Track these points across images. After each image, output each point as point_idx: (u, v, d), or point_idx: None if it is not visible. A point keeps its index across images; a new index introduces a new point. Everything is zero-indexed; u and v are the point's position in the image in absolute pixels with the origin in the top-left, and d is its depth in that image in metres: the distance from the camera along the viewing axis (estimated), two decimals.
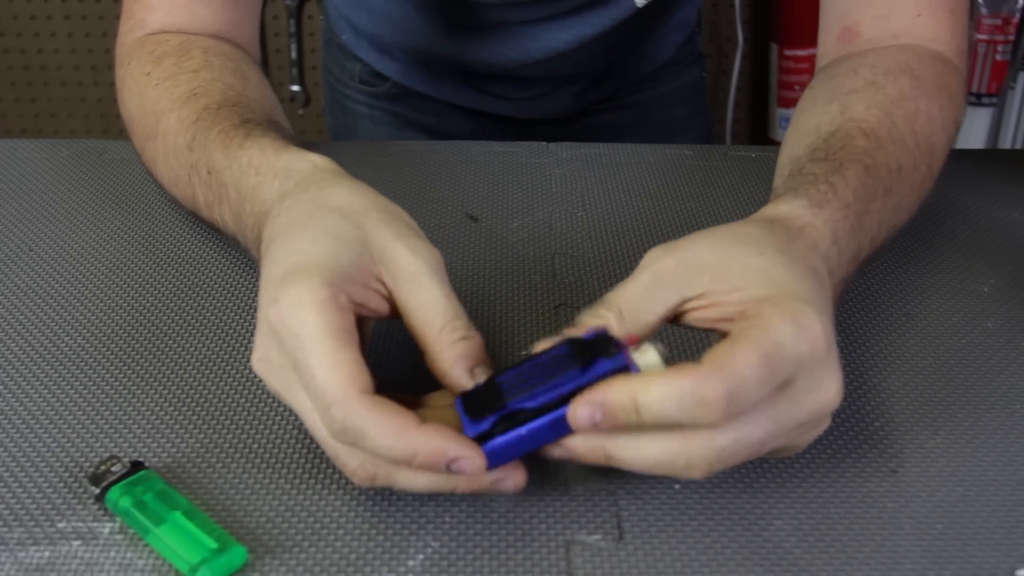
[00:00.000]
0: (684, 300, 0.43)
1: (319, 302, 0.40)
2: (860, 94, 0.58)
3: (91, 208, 0.68)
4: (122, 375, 0.52)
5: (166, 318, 0.57)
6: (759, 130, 2.01)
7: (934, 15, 0.64)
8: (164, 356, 0.54)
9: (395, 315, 0.45)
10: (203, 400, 0.51)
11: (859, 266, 0.52)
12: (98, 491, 0.44)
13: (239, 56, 0.66)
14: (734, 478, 0.46)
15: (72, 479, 0.46)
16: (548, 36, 0.84)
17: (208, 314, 0.57)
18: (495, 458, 0.40)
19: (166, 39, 0.65)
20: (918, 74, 0.60)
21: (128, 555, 0.42)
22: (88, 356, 0.54)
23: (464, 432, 0.40)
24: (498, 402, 0.41)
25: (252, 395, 0.51)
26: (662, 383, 0.38)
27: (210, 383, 0.52)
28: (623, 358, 0.40)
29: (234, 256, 0.63)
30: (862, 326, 0.57)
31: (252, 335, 0.55)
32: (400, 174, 0.73)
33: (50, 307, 0.58)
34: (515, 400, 0.40)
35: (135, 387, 0.52)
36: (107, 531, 0.43)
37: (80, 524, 0.43)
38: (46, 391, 0.51)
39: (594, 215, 0.68)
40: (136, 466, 0.45)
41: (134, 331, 0.56)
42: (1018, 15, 1.70)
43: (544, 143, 0.78)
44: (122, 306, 0.58)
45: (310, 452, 0.47)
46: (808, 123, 0.59)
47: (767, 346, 0.38)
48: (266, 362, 0.43)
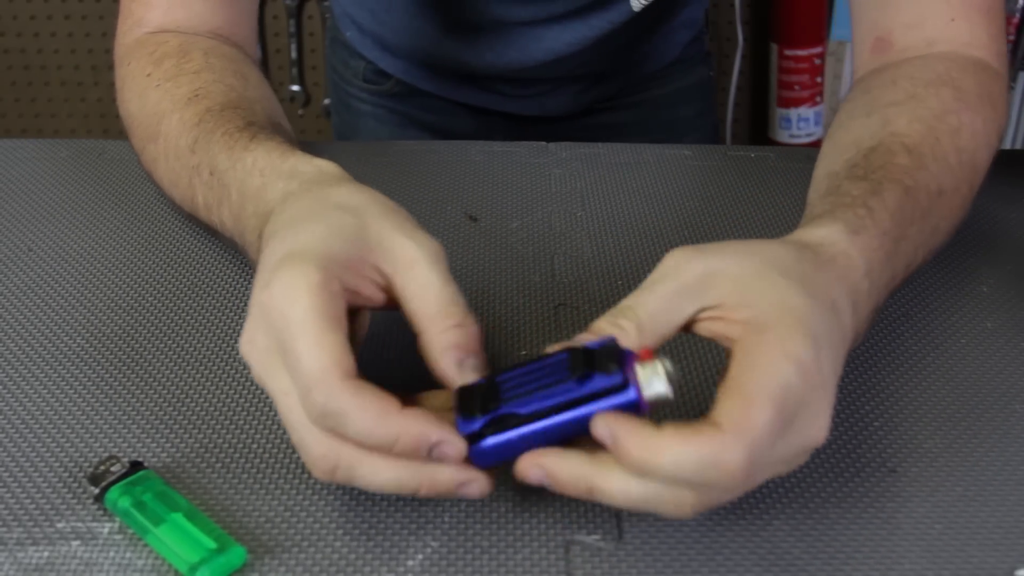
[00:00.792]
0: (701, 309, 0.42)
1: (311, 285, 0.40)
2: (901, 107, 0.57)
3: (91, 208, 0.68)
4: (122, 375, 0.52)
5: (166, 318, 0.57)
6: (759, 130, 2.01)
7: (968, 18, 0.62)
8: (164, 356, 0.54)
9: (391, 305, 0.44)
10: (203, 400, 0.51)
11: (892, 292, 0.51)
12: (97, 491, 0.44)
13: (239, 57, 0.66)
14: None
15: (71, 479, 0.46)
16: (548, 37, 0.84)
17: (208, 314, 0.57)
18: (480, 459, 0.40)
19: (166, 39, 0.65)
20: (960, 85, 0.59)
21: (127, 555, 0.42)
22: (88, 356, 0.54)
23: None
24: (492, 403, 0.40)
25: (252, 395, 0.51)
26: (681, 445, 0.37)
27: (210, 383, 0.52)
28: (620, 377, 0.39)
29: (234, 256, 0.63)
30: None
31: None
32: (400, 174, 0.73)
33: (50, 307, 0.58)
34: (508, 404, 0.40)
35: (135, 387, 0.52)
36: (106, 531, 0.43)
37: (79, 524, 0.43)
38: (46, 391, 0.51)
39: (594, 215, 0.68)
40: (135, 466, 0.45)
41: (134, 331, 0.56)
42: (1018, 15, 1.70)
43: (544, 143, 0.78)
44: (122, 306, 0.58)
45: None
46: (847, 136, 0.57)
47: (777, 395, 0.37)
48: (251, 344, 0.42)
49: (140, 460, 0.45)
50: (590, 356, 0.40)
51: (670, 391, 0.39)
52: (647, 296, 0.42)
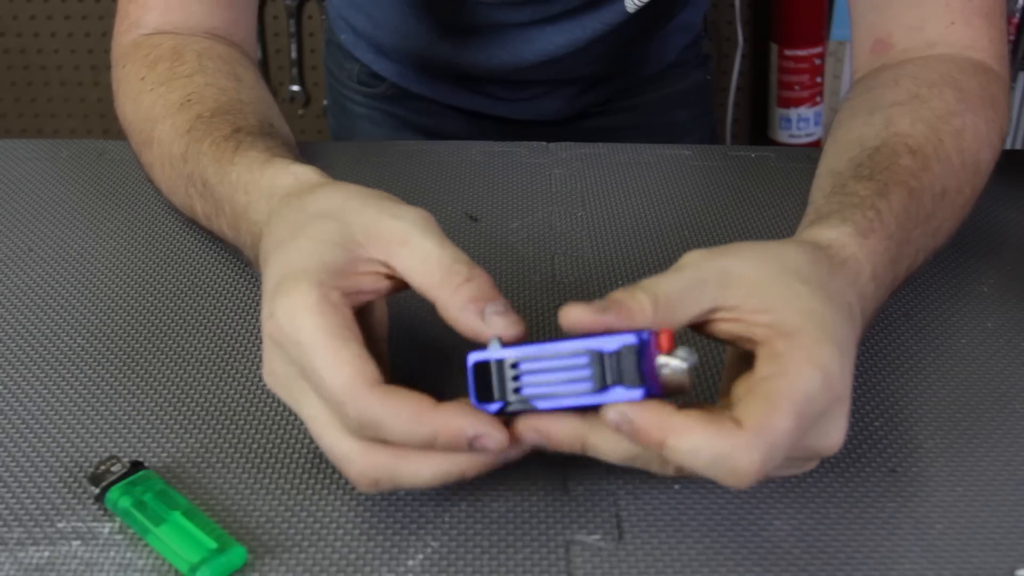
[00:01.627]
0: (716, 308, 0.41)
1: (311, 305, 0.40)
2: (904, 107, 0.57)
3: (91, 208, 0.68)
4: (122, 375, 0.52)
5: (166, 318, 0.57)
6: (759, 130, 2.00)
7: (968, 22, 0.62)
8: (164, 356, 0.54)
9: (401, 286, 0.44)
10: (203, 400, 0.51)
11: (892, 293, 0.51)
12: (98, 491, 0.44)
13: (234, 57, 0.66)
14: None
15: (72, 479, 0.46)
16: (542, 39, 0.84)
17: (208, 314, 0.57)
18: None
19: (160, 41, 0.65)
20: (962, 86, 0.58)
21: (128, 555, 0.42)
22: (88, 356, 0.54)
23: None
24: (507, 388, 0.40)
25: (252, 395, 0.51)
26: (698, 436, 0.37)
27: (210, 383, 0.52)
28: (641, 392, 0.38)
29: (233, 256, 0.63)
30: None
31: (252, 335, 0.56)
32: (400, 174, 0.73)
33: (50, 307, 0.58)
34: (525, 394, 0.40)
35: (135, 387, 0.52)
36: (107, 531, 0.43)
37: (80, 524, 0.43)
38: (46, 391, 0.51)
39: (594, 215, 0.68)
40: (136, 466, 0.45)
41: (134, 331, 0.56)
42: (1018, 15, 1.70)
43: (544, 143, 0.78)
44: (122, 306, 0.58)
45: (310, 452, 0.47)
46: (850, 135, 0.57)
47: (801, 403, 0.37)
48: (273, 376, 0.42)
49: (140, 460, 0.45)
50: (615, 361, 0.39)
51: (689, 386, 0.39)
52: (666, 279, 0.41)
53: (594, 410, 0.39)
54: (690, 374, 0.39)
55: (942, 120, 0.56)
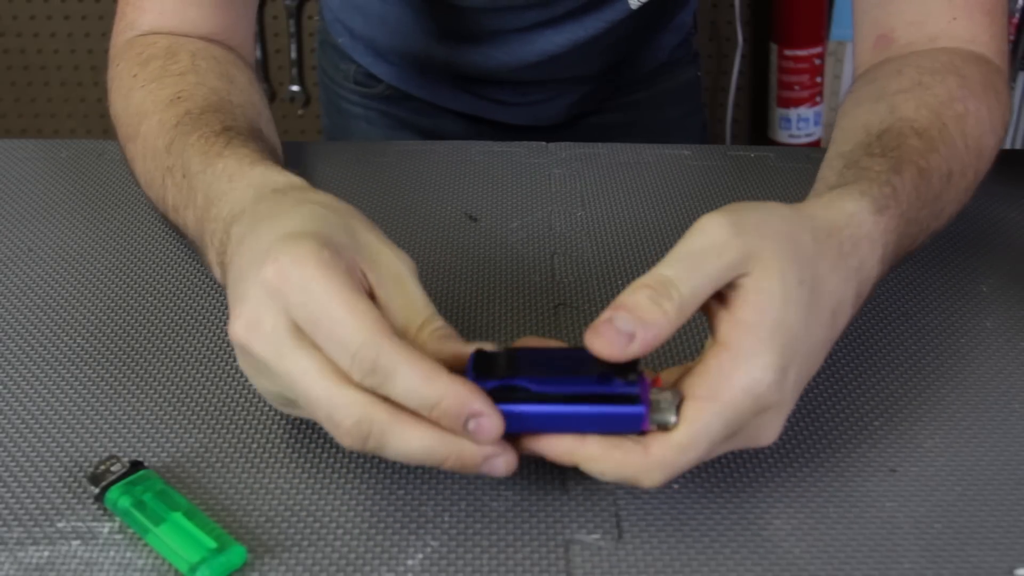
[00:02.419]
0: (729, 285, 0.42)
1: (325, 260, 0.40)
2: (908, 94, 0.57)
3: (91, 208, 0.68)
4: (122, 375, 0.52)
5: (166, 318, 0.57)
6: (759, 130, 2.01)
7: (970, 17, 0.62)
8: (164, 356, 0.54)
9: None
10: (203, 400, 0.51)
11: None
12: (97, 491, 0.44)
13: (228, 59, 0.65)
14: (733, 478, 0.46)
15: (71, 479, 0.46)
16: (541, 40, 0.84)
17: (208, 314, 0.58)
18: None
19: (154, 41, 0.65)
20: (964, 73, 0.59)
21: (127, 555, 0.42)
22: (88, 356, 0.54)
23: None
24: (507, 371, 0.41)
25: (252, 395, 0.51)
26: (605, 463, 0.40)
27: (210, 383, 0.52)
28: (637, 388, 0.40)
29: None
30: (861, 325, 0.57)
31: None
32: (399, 174, 0.73)
33: (50, 307, 0.58)
34: (523, 379, 0.40)
35: (135, 387, 0.52)
36: (106, 531, 0.43)
37: (79, 524, 0.43)
38: (46, 391, 0.51)
39: (593, 215, 0.68)
40: (135, 466, 0.45)
41: (134, 331, 0.56)
42: (1018, 15, 1.70)
43: (543, 143, 0.78)
44: (122, 306, 0.58)
45: (310, 452, 0.47)
46: (855, 122, 0.57)
47: (728, 416, 0.40)
48: (253, 327, 0.41)
49: (140, 460, 0.45)
50: (613, 365, 0.40)
51: (675, 421, 0.40)
52: (691, 274, 0.41)
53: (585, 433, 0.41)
54: (676, 414, 0.40)
55: (945, 105, 0.56)
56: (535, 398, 0.40)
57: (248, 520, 0.44)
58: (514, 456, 0.40)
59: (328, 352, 0.40)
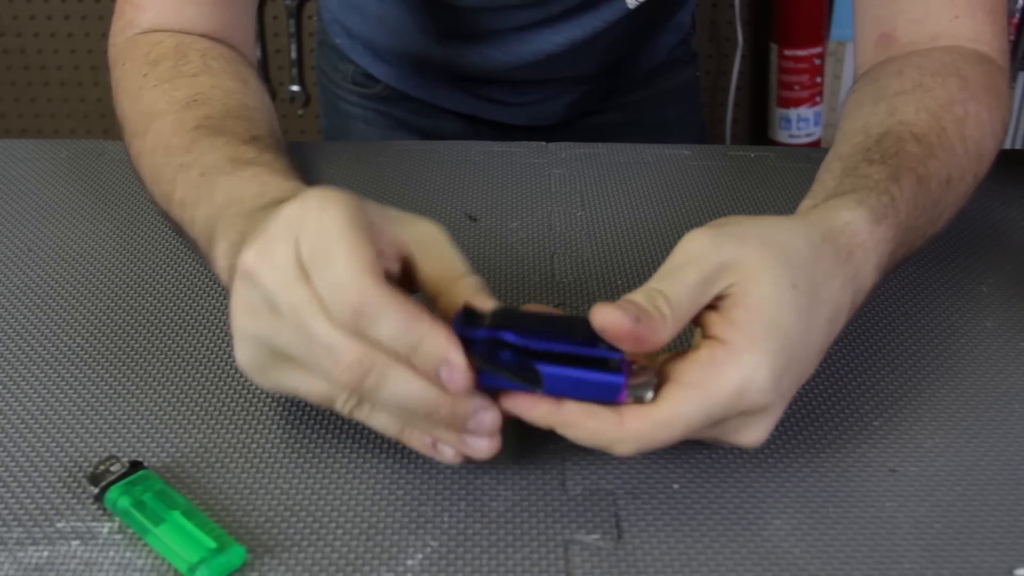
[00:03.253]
0: (718, 296, 0.43)
1: (351, 207, 0.41)
2: (908, 96, 0.57)
3: (91, 208, 0.68)
4: (122, 375, 0.52)
5: (165, 318, 0.57)
6: (759, 130, 2.01)
7: (972, 16, 0.63)
8: (164, 356, 0.54)
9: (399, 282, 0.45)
10: (203, 400, 0.51)
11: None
12: (97, 491, 0.44)
13: (236, 59, 0.65)
14: (733, 478, 0.46)
15: (71, 479, 0.46)
16: (539, 39, 0.84)
17: (208, 314, 0.58)
18: None
19: (160, 40, 0.65)
20: (965, 75, 0.59)
21: (127, 555, 0.42)
22: (88, 356, 0.54)
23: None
24: (494, 321, 0.42)
25: (252, 395, 0.51)
26: (582, 430, 0.41)
27: (210, 383, 0.52)
28: (620, 355, 0.41)
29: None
30: (861, 325, 0.57)
31: None
32: (398, 174, 0.73)
33: (50, 307, 0.58)
34: (509, 331, 0.41)
35: (135, 387, 0.52)
36: (106, 531, 0.43)
37: (79, 524, 0.43)
38: (46, 391, 0.51)
39: (593, 215, 0.68)
40: (135, 466, 0.45)
41: (133, 331, 0.56)
42: (1018, 15, 1.70)
43: (543, 143, 0.78)
44: (122, 306, 0.58)
45: (310, 452, 0.47)
46: (855, 124, 0.58)
47: (710, 407, 0.41)
48: (265, 256, 0.41)
49: (140, 460, 0.45)
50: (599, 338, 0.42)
51: (652, 398, 0.42)
52: (675, 284, 0.42)
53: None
54: (653, 394, 0.42)
55: (945, 108, 0.56)
56: (518, 351, 0.41)
57: (248, 520, 0.44)
58: (498, 415, 0.42)
59: (318, 289, 0.40)
